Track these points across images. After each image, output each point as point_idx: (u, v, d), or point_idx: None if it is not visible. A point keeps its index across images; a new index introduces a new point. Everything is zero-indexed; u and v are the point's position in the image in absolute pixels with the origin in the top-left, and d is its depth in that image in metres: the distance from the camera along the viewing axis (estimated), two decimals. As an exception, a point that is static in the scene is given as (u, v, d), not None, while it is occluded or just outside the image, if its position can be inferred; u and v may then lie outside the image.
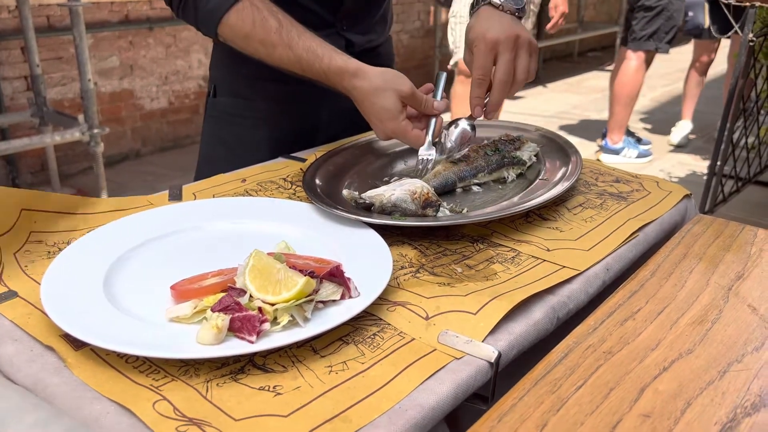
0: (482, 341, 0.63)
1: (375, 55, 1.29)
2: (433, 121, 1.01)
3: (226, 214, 0.88)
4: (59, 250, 0.78)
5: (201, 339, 0.60)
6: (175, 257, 0.78)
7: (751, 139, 3.15)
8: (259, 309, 0.62)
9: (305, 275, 0.64)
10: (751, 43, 2.64)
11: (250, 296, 0.64)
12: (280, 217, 0.87)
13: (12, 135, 3.61)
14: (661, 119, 5.31)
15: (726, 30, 3.78)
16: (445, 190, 0.97)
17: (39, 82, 3.36)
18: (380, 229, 0.82)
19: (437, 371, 0.59)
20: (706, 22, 4.11)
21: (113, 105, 4.13)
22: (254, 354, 0.61)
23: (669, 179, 2.56)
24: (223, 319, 0.60)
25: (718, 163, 2.82)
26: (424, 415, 0.55)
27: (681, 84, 4.93)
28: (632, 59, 3.96)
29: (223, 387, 0.56)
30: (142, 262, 0.76)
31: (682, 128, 4.66)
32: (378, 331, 0.65)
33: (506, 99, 1.02)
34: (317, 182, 0.96)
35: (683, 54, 5.76)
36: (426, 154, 1.00)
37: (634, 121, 5.07)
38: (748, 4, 2.62)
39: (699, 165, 4.24)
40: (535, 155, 1.07)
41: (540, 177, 1.01)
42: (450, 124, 1.02)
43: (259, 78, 1.19)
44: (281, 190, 0.99)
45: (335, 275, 0.67)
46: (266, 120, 1.24)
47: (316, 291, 0.65)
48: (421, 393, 0.57)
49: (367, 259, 0.74)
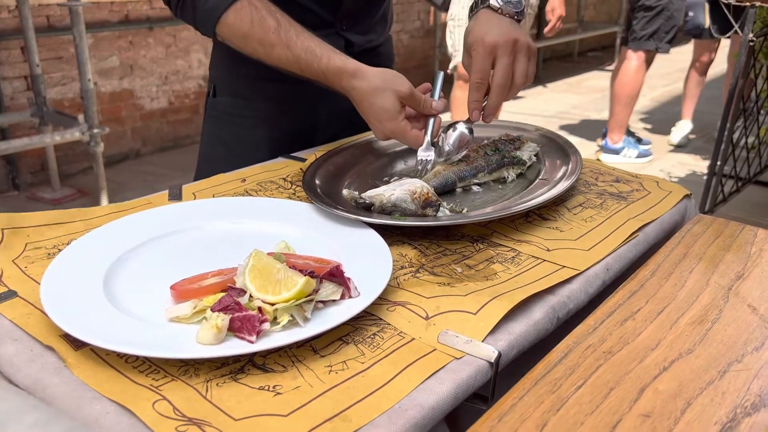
0: (482, 341, 0.63)
1: (375, 55, 1.29)
2: (431, 121, 1.01)
3: (226, 214, 0.88)
4: (59, 250, 0.78)
5: (201, 339, 0.60)
6: (175, 257, 0.78)
7: (751, 139, 3.15)
8: (259, 309, 0.62)
9: (305, 275, 0.64)
10: (751, 43, 2.64)
11: (250, 296, 0.64)
12: (280, 217, 0.87)
13: (12, 135, 3.61)
14: (661, 119, 5.31)
15: (726, 30, 3.78)
16: (445, 190, 0.97)
17: (39, 82, 3.36)
18: (380, 229, 0.82)
19: (437, 371, 0.59)
20: (706, 22, 4.11)
21: (113, 105, 4.13)
22: (254, 354, 0.61)
23: (669, 179, 2.56)
24: (222, 319, 0.60)
25: (718, 163, 2.82)
26: (424, 415, 0.55)
27: (681, 84, 4.93)
28: (632, 59, 3.96)
29: (223, 387, 0.56)
30: (142, 262, 0.76)
31: (682, 128, 4.66)
32: (378, 331, 0.65)
33: (505, 102, 1.02)
34: (317, 182, 0.96)
35: (683, 54, 5.76)
36: (425, 154, 1.00)
37: (634, 120, 5.07)
38: (748, 4, 2.62)
39: (699, 165, 4.24)
40: (535, 155, 1.08)
41: (540, 177, 1.01)
42: (448, 127, 1.02)
43: (258, 78, 1.19)
44: (281, 190, 0.99)
45: (335, 275, 0.67)
46: (266, 120, 1.24)
47: (316, 291, 0.65)
48: (421, 393, 0.57)
49: (367, 259, 0.74)
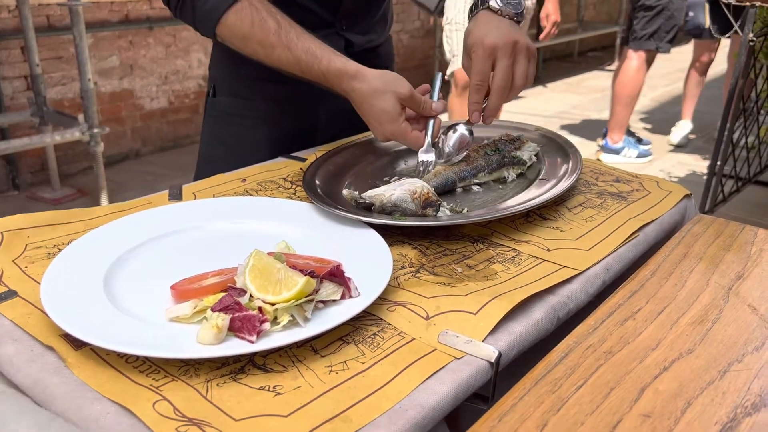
0: (482, 341, 0.63)
1: (375, 56, 1.29)
2: (431, 122, 1.01)
3: (226, 213, 0.88)
4: (59, 250, 0.78)
5: (201, 339, 0.60)
6: (175, 257, 0.78)
7: (751, 139, 3.15)
8: (260, 309, 0.62)
9: (305, 275, 0.64)
10: (751, 43, 2.64)
11: (251, 296, 0.64)
12: (280, 216, 0.87)
13: (12, 135, 3.61)
14: (661, 119, 5.31)
15: (726, 30, 3.78)
16: (446, 190, 0.97)
17: (39, 82, 3.36)
18: (380, 229, 0.82)
19: (437, 371, 0.59)
20: (707, 22, 4.11)
21: (113, 105, 4.13)
22: (254, 354, 0.61)
23: (669, 179, 2.55)
24: (223, 319, 0.60)
25: (718, 162, 2.82)
26: (424, 415, 0.55)
27: (681, 84, 4.93)
28: (633, 59, 3.96)
29: (223, 387, 0.56)
30: (142, 262, 0.76)
31: (682, 128, 4.66)
32: (378, 331, 0.65)
33: (505, 103, 1.02)
34: (317, 182, 0.96)
35: (683, 54, 5.76)
36: (425, 156, 1.00)
37: (634, 120, 5.07)
38: (748, 3, 2.62)
39: (699, 165, 4.24)
40: (536, 155, 1.07)
41: (540, 177, 1.01)
42: (448, 128, 1.02)
43: (258, 78, 1.19)
44: (281, 189, 0.99)
45: (335, 275, 0.67)
46: (266, 120, 1.24)
47: (316, 291, 0.65)
48: (422, 393, 0.57)
49: (368, 259, 0.74)
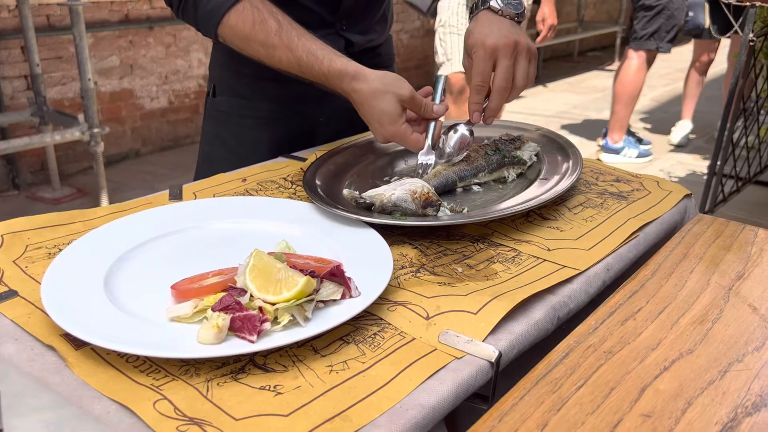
0: (483, 341, 0.63)
1: (375, 55, 1.29)
2: (432, 124, 1.01)
3: (226, 213, 0.88)
4: (59, 250, 0.78)
5: (201, 338, 0.60)
6: (175, 257, 0.78)
7: (751, 139, 3.14)
8: (260, 308, 0.62)
9: (306, 275, 0.64)
10: (751, 43, 2.64)
11: (251, 296, 0.64)
12: (281, 216, 0.87)
13: (12, 134, 3.61)
14: (661, 119, 5.31)
15: (726, 30, 3.78)
16: (446, 190, 0.97)
17: (39, 82, 3.36)
18: (381, 229, 0.82)
19: (438, 371, 0.59)
20: (706, 22, 4.11)
21: (113, 104, 4.14)
22: (255, 353, 0.61)
23: (669, 179, 2.55)
24: (223, 319, 0.60)
25: (718, 162, 2.82)
26: (424, 415, 0.55)
27: (681, 84, 4.94)
28: (633, 59, 3.96)
29: (224, 386, 0.56)
30: (143, 262, 0.76)
31: (682, 128, 4.66)
32: (378, 331, 0.65)
33: (506, 104, 1.02)
34: (318, 182, 0.96)
35: (683, 54, 5.76)
36: (425, 158, 1.00)
37: (634, 120, 5.07)
38: (748, 3, 2.62)
39: (699, 165, 4.24)
40: (536, 155, 1.07)
41: (540, 176, 1.01)
42: (449, 129, 1.02)
43: (258, 78, 1.19)
44: (282, 189, 0.99)
45: (336, 275, 0.67)
46: (266, 120, 1.24)
47: (316, 290, 0.65)
48: (422, 392, 0.57)
49: (368, 259, 0.74)
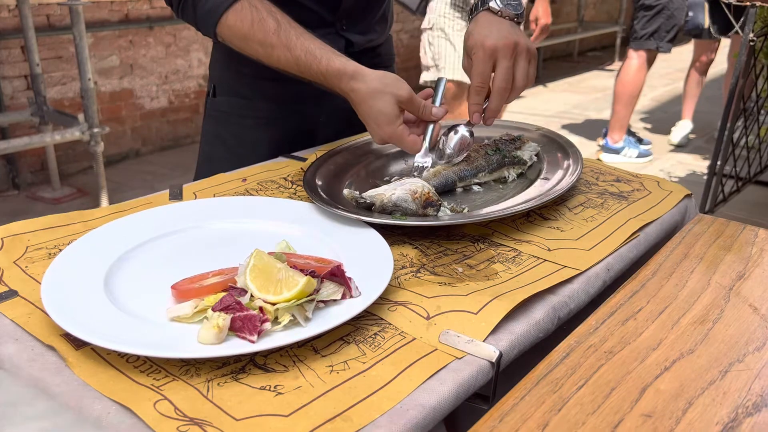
0: (483, 341, 0.63)
1: (375, 55, 1.29)
2: (430, 127, 1.00)
3: (226, 213, 0.88)
4: (59, 250, 0.78)
5: (202, 338, 0.59)
6: (175, 257, 0.78)
7: (751, 139, 3.14)
8: (260, 308, 0.62)
9: (306, 275, 0.64)
10: (751, 43, 2.64)
11: (251, 296, 0.64)
12: (281, 216, 0.87)
13: (12, 134, 3.61)
14: (662, 119, 5.31)
15: (726, 30, 3.78)
16: (445, 190, 0.97)
17: (39, 81, 3.36)
18: (381, 229, 0.82)
19: (438, 371, 0.59)
20: (706, 22, 4.11)
21: (113, 104, 4.13)
22: (255, 353, 0.61)
23: (669, 179, 2.56)
24: (224, 319, 0.60)
25: (718, 162, 2.82)
26: (425, 415, 0.55)
27: (681, 84, 4.94)
28: (634, 58, 3.96)
29: (224, 387, 0.56)
30: (143, 262, 0.76)
31: (683, 128, 4.66)
32: (379, 331, 0.65)
33: (506, 104, 1.02)
34: (318, 182, 0.96)
35: (683, 54, 5.76)
36: (422, 160, 0.99)
37: (634, 120, 5.07)
38: (748, 3, 2.62)
39: (699, 165, 4.24)
40: (536, 155, 1.07)
41: (541, 176, 1.01)
42: (449, 130, 1.02)
43: (258, 77, 1.19)
44: (282, 189, 0.99)
45: (336, 275, 0.67)
46: (266, 119, 1.24)
47: (317, 290, 0.65)
48: (422, 393, 0.57)
49: (368, 259, 0.74)
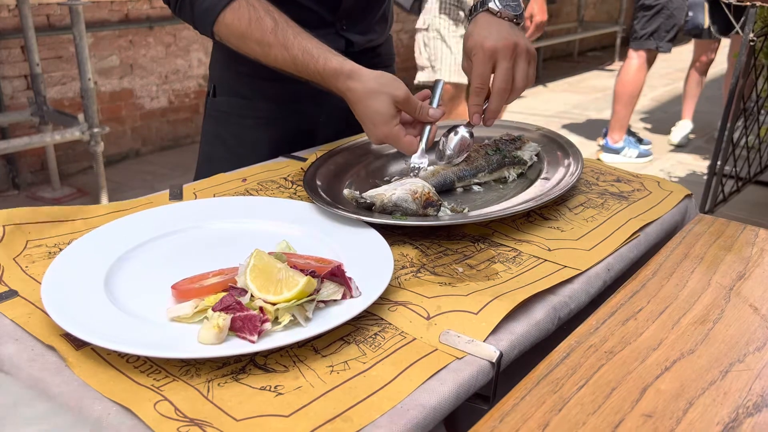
0: (483, 341, 0.63)
1: (375, 55, 1.29)
2: (427, 128, 0.99)
3: (226, 213, 0.87)
4: (60, 250, 0.78)
5: (202, 339, 0.59)
6: (175, 257, 0.78)
7: (751, 139, 3.14)
8: (261, 309, 0.62)
9: (306, 275, 0.64)
10: (751, 43, 2.64)
11: (251, 296, 0.64)
12: (281, 216, 0.87)
13: (12, 134, 3.61)
14: (662, 119, 5.31)
15: (726, 30, 3.78)
16: (444, 189, 0.97)
17: (39, 81, 3.36)
18: (381, 229, 0.82)
19: (439, 371, 0.59)
20: (706, 21, 4.11)
21: (113, 104, 4.14)
22: (255, 354, 0.61)
23: (669, 179, 2.56)
24: (224, 319, 0.60)
25: (719, 162, 2.82)
26: (425, 415, 0.55)
27: (681, 84, 4.94)
28: (634, 58, 3.97)
29: (225, 387, 0.56)
30: (143, 262, 0.76)
31: (683, 128, 4.66)
32: (379, 331, 0.65)
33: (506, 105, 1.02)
34: (318, 182, 0.96)
35: (683, 54, 5.76)
36: (418, 161, 0.99)
37: (635, 120, 5.07)
38: (748, 3, 2.62)
39: (699, 165, 4.24)
40: (536, 155, 1.07)
41: (541, 176, 1.01)
42: (449, 130, 1.02)
43: (258, 77, 1.19)
44: (282, 189, 0.99)
45: (336, 275, 0.67)
46: (266, 119, 1.24)
47: (317, 290, 0.65)
48: (423, 393, 0.57)
49: (368, 259, 0.74)
